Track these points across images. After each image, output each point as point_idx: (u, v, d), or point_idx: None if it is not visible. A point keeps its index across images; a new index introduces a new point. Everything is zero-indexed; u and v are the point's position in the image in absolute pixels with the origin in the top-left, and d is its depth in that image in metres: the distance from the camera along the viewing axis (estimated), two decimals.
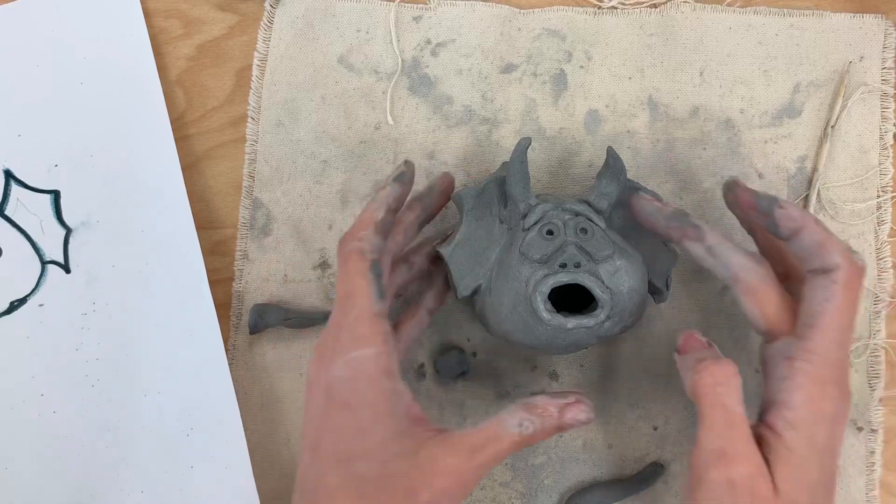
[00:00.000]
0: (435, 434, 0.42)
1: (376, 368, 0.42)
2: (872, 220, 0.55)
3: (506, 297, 0.46)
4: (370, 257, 0.44)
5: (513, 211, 0.48)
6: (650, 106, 0.57)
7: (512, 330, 0.46)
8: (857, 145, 0.56)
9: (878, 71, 0.56)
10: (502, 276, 0.46)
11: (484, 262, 0.48)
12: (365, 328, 0.43)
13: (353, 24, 0.58)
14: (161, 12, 0.59)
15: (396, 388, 0.42)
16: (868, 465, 0.54)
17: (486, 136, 0.57)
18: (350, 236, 0.45)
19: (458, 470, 0.41)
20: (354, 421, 0.42)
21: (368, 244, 0.45)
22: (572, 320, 0.44)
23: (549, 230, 0.46)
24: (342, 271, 0.44)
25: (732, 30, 0.57)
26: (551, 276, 0.44)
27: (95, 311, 0.55)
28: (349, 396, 0.42)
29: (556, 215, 0.47)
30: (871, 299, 0.55)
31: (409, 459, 0.41)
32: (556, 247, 0.45)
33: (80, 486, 0.53)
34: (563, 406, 0.42)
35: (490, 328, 0.48)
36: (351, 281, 0.44)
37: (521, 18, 0.58)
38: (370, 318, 0.43)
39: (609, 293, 0.44)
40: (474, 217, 0.50)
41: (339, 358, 0.42)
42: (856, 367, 0.54)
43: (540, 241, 0.46)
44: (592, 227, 0.46)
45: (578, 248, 0.45)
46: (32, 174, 0.56)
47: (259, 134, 0.58)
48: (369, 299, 0.43)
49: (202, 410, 0.54)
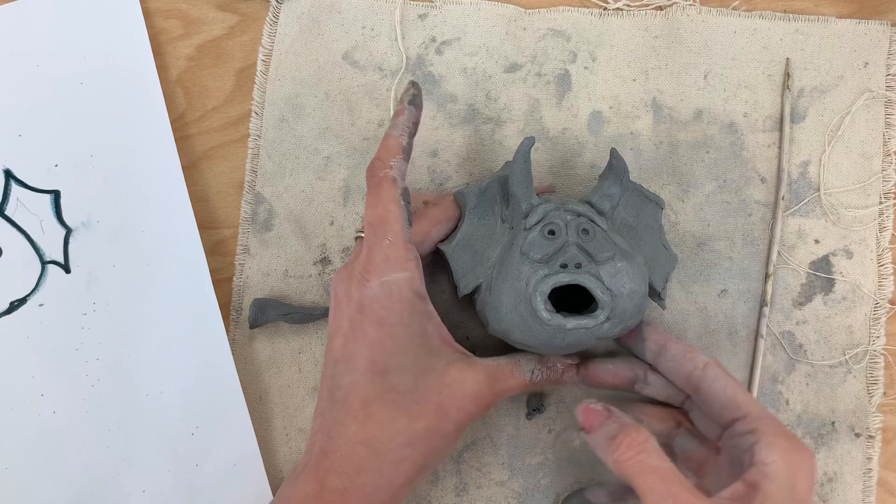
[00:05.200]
0: (462, 357, 0.47)
1: (410, 290, 0.45)
2: (874, 226, 0.55)
3: (506, 295, 0.46)
4: (401, 185, 0.46)
5: (515, 210, 0.48)
6: (654, 108, 0.57)
7: (511, 329, 0.46)
8: (860, 151, 0.56)
9: (882, 77, 0.56)
10: (503, 275, 0.46)
11: (485, 261, 0.49)
12: (399, 252, 0.45)
13: (358, 20, 0.58)
14: (161, 12, 0.59)
15: (428, 309, 0.46)
16: (865, 472, 0.54)
17: (490, 136, 0.57)
18: (380, 162, 0.47)
19: (481, 393, 0.46)
20: (390, 338, 0.44)
21: (398, 171, 0.47)
22: (572, 321, 0.44)
23: (551, 230, 0.46)
24: (373, 196, 0.46)
25: (737, 33, 0.57)
26: (552, 276, 0.44)
27: (95, 311, 0.55)
28: (385, 315, 0.44)
29: (557, 215, 0.47)
30: (871, 306, 0.55)
31: (440, 377, 0.45)
32: (558, 247, 0.45)
33: (80, 486, 0.53)
34: (566, 365, 0.49)
35: (489, 326, 0.48)
36: (384, 207, 0.45)
37: (526, 18, 0.57)
38: (403, 244, 0.45)
39: (609, 294, 0.44)
40: (476, 216, 0.50)
41: (374, 279, 0.45)
42: (854, 374, 0.55)
43: (541, 240, 0.46)
44: (594, 228, 0.46)
45: (580, 249, 0.45)
46: (32, 174, 0.56)
47: (262, 129, 0.58)
48: (401, 225, 0.45)
49: (207, 409, 0.54)
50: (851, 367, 0.55)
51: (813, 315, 0.55)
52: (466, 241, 0.50)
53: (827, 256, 0.55)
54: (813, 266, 0.55)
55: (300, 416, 0.56)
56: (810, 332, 0.55)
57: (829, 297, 0.55)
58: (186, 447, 0.54)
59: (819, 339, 0.55)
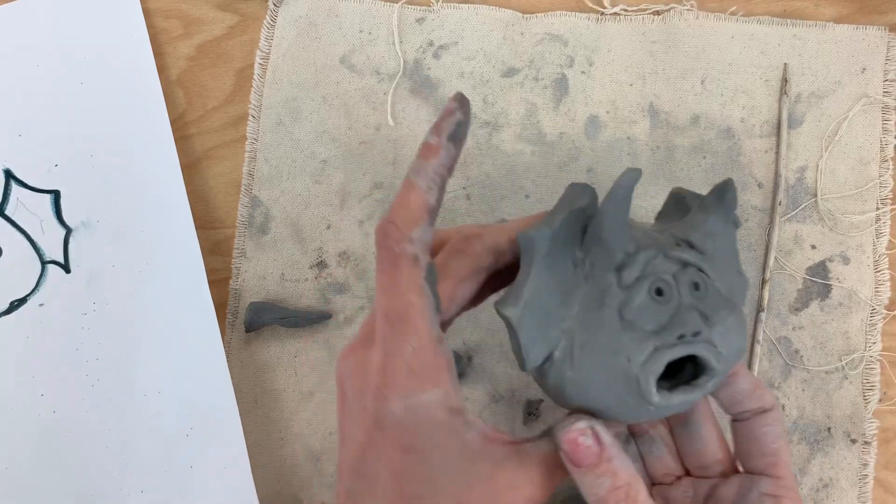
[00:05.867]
0: (510, 452, 0.36)
1: (443, 411, 0.35)
2: (871, 231, 0.55)
3: (597, 373, 0.36)
4: (425, 263, 0.35)
5: (600, 258, 0.37)
6: (651, 113, 0.57)
7: (603, 409, 0.37)
8: (857, 157, 0.55)
9: (879, 83, 0.56)
10: (591, 345, 0.36)
11: (557, 322, 0.37)
12: (427, 362, 0.34)
13: (355, 24, 0.58)
14: (161, 12, 0.59)
15: (466, 421, 0.36)
16: (861, 478, 0.54)
17: (487, 140, 0.57)
18: (396, 231, 0.35)
19: (538, 495, 0.36)
20: (420, 464, 0.35)
21: (421, 244, 0.35)
22: (678, 396, 0.36)
23: (659, 289, 0.36)
24: (388, 279, 0.35)
25: (735, 38, 0.57)
26: (664, 350, 0.35)
27: (95, 311, 0.55)
28: (412, 441, 0.35)
29: (663, 267, 0.37)
30: (868, 311, 0.55)
31: (487, 487, 0.35)
32: (671, 311, 0.36)
33: (80, 486, 0.54)
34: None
35: (567, 403, 0.39)
36: (403, 298, 0.34)
37: (523, 23, 0.58)
38: (432, 349, 0.34)
39: (721, 359, 0.36)
40: (546, 265, 0.37)
41: (395, 396, 0.34)
42: (851, 380, 0.54)
43: (651, 305, 0.36)
44: (705, 281, 0.37)
45: (699, 313, 0.36)
46: (32, 174, 0.56)
47: (259, 132, 0.58)
48: (428, 323, 0.34)
49: (201, 411, 0.55)
50: (848, 372, 0.54)
51: (809, 321, 0.55)
52: (535, 300, 0.37)
53: (824, 262, 0.55)
54: (809, 272, 0.55)
55: (295, 420, 0.56)
56: (807, 337, 0.55)
57: (826, 303, 0.55)
58: (181, 449, 0.54)
59: (815, 344, 0.55)
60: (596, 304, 0.36)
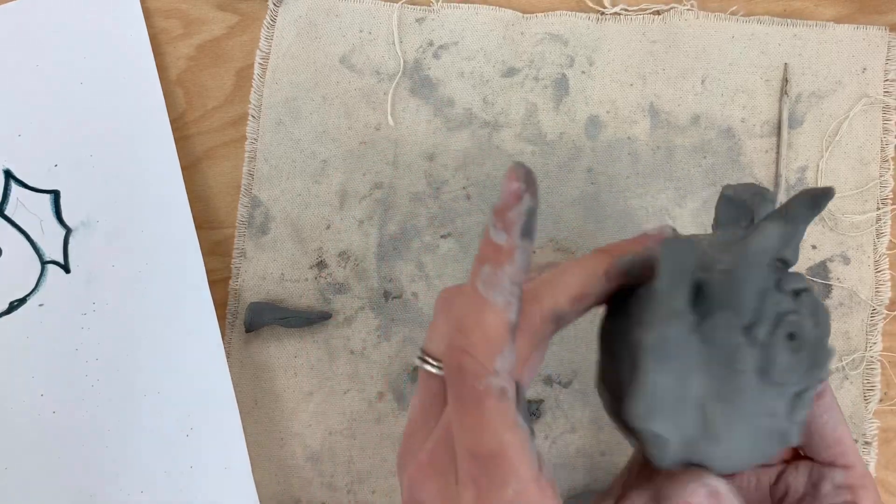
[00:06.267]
0: None
1: None
2: (871, 231, 0.55)
3: (743, 440, 0.33)
4: (512, 393, 0.29)
5: (723, 318, 0.32)
6: (651, 113, 0.57)
7: (741, 466, 0.34)
8: (857, 157, 0.55)
9: (880, 83, 0.56)
10: (731, 415, 0.32)
11: (686, 408, 0.32)
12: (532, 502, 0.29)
13: (355, 24, 0.58)
14: (161, 12, 0.59)
15: None
16: None
17: (487, 140, 0.57)
18: (473, 363, 0.29)
19: None
20: None
21: (506, 378, 0.29)
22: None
23: (791, 333, 0.32)
24: (470, 419, 0.29)
25: (735, 39, 0.57)
26: (804, 393, 0.33)
27: (95, 311, 0.55)
28: None
29: (784, 305, 0.33)
30: (868, 312, 0.55)
31: None
32: (808, 356, 0.33)
33: (79, 486, 0.53)
34: None
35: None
36: (494, 437, 0.29)
37: (523, 23, 0.58)
38: (535, 486, 0.29)
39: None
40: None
41: None
42: (851, 380, 0.54)
43: (789, 357, 0.32)
44: (816, 303, 0.34)
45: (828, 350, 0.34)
46: (32, 174, 0.56)
47: (259, 132, 0.58)
48: (528, 459, 0.29)
49: (201, 411, 0.54)
50: (848, 373, 0.54)
51: None
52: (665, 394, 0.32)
53: (824, 262, 0.55)
54: (810, 272, 0.55)
55: (295, 421, 0.56)
56: None
57: (826, 303, 0.55)
58: (181, 449, 0.54)
59: None
60: (725, 369, 0.32)
